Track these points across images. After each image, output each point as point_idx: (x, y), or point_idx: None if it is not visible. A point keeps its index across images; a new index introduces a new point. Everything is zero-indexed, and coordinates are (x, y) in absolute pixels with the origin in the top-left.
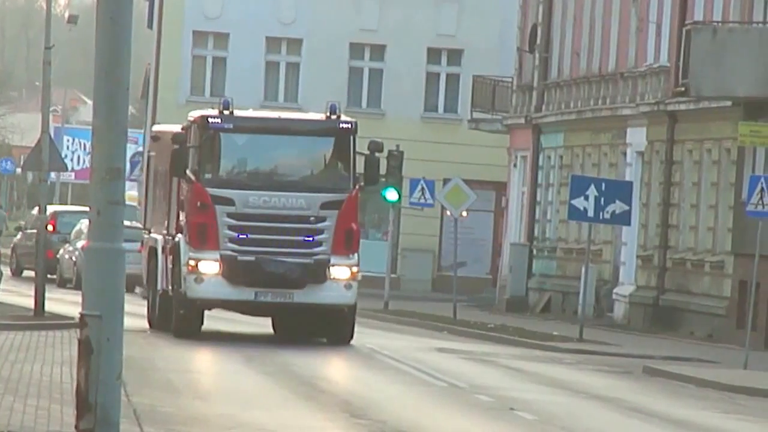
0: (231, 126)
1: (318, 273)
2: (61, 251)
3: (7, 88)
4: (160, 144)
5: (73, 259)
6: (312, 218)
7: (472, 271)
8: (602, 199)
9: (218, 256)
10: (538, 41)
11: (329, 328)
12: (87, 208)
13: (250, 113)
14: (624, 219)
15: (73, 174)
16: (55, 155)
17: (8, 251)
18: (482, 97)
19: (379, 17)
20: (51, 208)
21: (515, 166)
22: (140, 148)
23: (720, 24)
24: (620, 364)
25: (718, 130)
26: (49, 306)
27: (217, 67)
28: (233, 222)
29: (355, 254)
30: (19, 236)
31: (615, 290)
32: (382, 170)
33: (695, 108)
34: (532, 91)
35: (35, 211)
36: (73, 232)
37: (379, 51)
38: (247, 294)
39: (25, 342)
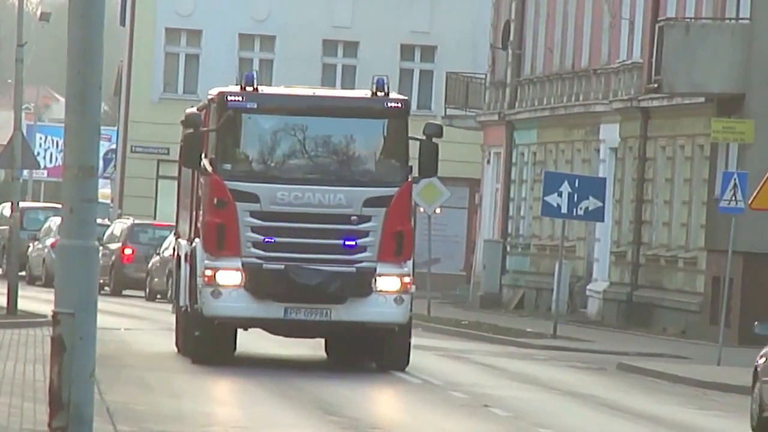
0: (255, 105)
1: (361, 284)
2: (31, 248)
3: None
4: None
5: (42, 256)
6: (354, 218)
7: (446, 267)
8: (575, 196)
9: (240, 265)
10: (511, 38)
11: (378, 352)
12: (53, 205)
13: (280, 90)
14: (597, 215)
15: (45, 171)
16: (27, 153)
17: None
18: (455, 93)
19: (352, 14)
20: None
21: (489, 162)
22: (113, 146)
23: (693, 20)
24: (594, 360)
25: (691, 126)
26: (22, 304)
27: (190, 64)
28: (258, 223)
29: (408, 261)
30: None
31: (588, 287)
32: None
33: (668, 104)
34: (505, 87)
35: (0, 208)
36: (42, 229)
37: (352, 47)
38: (275, 311)
39: None
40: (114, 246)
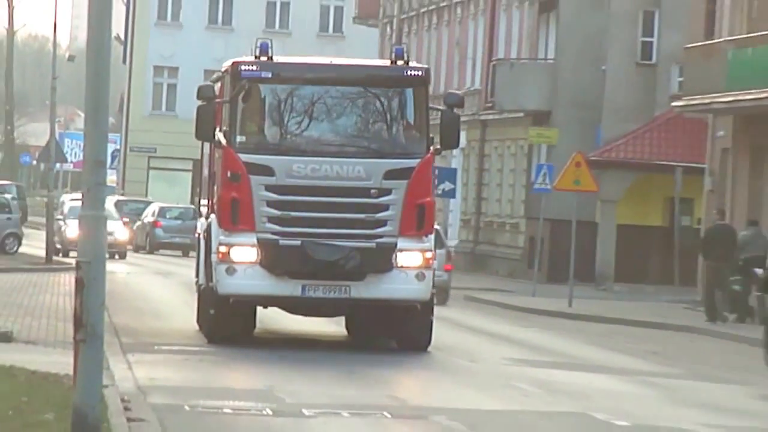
0: (269, 74)
1: (382, 260)
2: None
3: (26, 105)
4: None
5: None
6: (374, 191)
7: None
8: (435, 180)
9: (255, 240)
10: None
11: (400, 330)
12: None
13: (295, 59)
14: (451, 194)
15: (71, 165)
16: (59, 151)
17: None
18: None
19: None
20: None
21: None
22: (118, 147)
23: (515, 60)
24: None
25: (514, 132)
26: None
27: (171, 91)
28: (273, 197)
29: (430, 236)
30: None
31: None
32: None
33: (499, 117)
34: None
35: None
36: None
37: None
38: (292, 288)
39: (39, 280)
40: None
